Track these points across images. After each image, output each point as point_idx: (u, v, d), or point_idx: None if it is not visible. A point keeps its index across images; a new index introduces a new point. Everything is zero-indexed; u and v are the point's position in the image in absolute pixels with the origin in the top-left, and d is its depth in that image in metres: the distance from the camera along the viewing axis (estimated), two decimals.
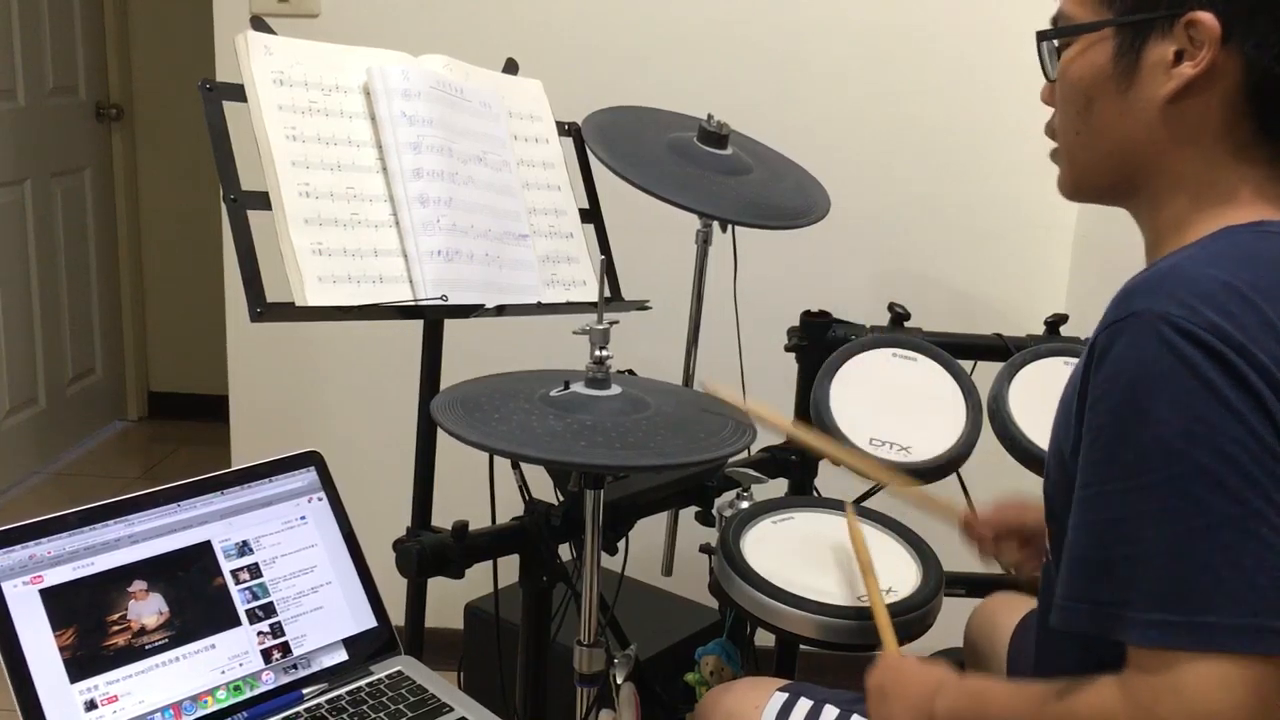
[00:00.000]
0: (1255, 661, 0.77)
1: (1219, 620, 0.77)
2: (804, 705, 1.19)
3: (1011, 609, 1.43)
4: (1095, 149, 0.99)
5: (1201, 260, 0.86)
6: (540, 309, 1.51)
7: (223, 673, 1.15)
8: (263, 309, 1.24)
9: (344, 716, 1.16)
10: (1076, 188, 1.04)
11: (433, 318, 1.50)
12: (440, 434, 1.23)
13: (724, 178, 1.62)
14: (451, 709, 1.18)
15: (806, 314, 1.83)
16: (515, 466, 1.39)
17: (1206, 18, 0.89)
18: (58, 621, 1.08)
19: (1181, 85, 0.91)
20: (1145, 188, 0.98)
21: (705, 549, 1.57)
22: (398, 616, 1.35)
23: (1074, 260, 2.29)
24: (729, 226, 1.71)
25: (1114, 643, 0.83)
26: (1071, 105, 1.00)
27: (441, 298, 1.37)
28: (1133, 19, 0.93)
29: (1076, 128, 1.00)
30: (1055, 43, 1.00)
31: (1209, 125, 0.92)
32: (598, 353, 1.20)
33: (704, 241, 1.76)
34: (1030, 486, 1.34)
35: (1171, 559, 0.79)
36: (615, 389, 1.20)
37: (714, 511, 1.58)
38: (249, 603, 1.19)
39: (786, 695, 1.21)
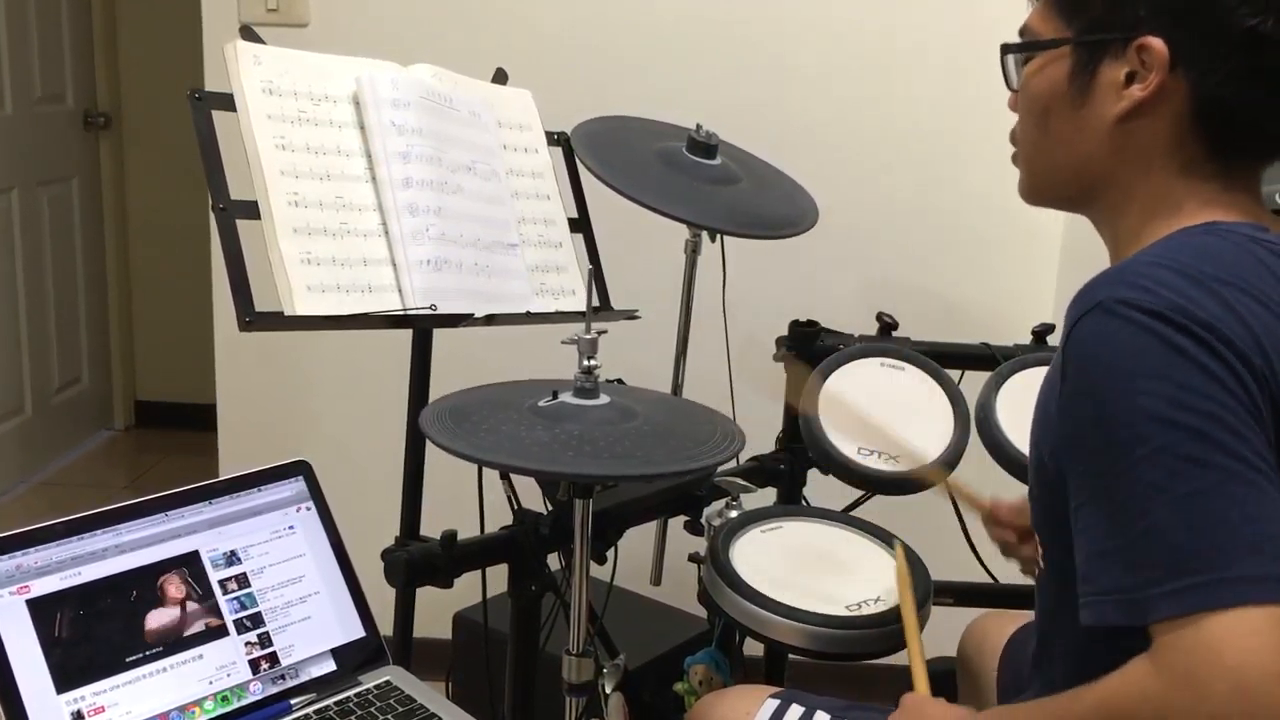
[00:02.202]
0: None
1: (1241, 573, 0.77)
2: (796, 712, 1.20)
3: (1002, 627, 1.43)
4: (1050, 159, 1.04)
5: (1153, 255, 0.90)
6: (529, 318, 1.51)
7: (210, 683, 1.15)
8: (251, 318, 1.24)
9: None
10: (1032, 193, 1.08)
11: (422, 327, 1.49)
12: (429, 443, 1.23)
13: (713, 187, 1.63)
14: (440, 719, 1.17)
15: (795, 323, 1.83)
16: (504, 476, 1.39)
17: (1156, 43, 0.92)
18: (44, 632, 1.07)
19: (1131, 106, 0.95)
20: (1100, 199, 1.02)
21: (694, 558, 1.57)
22: (386, 626, 1.35)
23: (1061, 270, 2.30)
24: (718, 236, 1.71)
25: (1122, 639, 0.83)
26: (1031, 116, 1.04)
27: (430, 307, 1.37)
28: (1089, 39, 0.97)
29: (1034, 138, 1.04)
30: (1020, 55, 1.04)
31: (1158, 144, 0.95)
32: (586, 362, 1.20)
33: (693, 251, 1.77)
34: (1019, 494, 1.35)
35: (1184, 524, 0.79)
36: (604, 398, 1.20)
37: (703, 521, 1.58)
38: (237, 612, 1.19)
39: (778, 702, 1.21)
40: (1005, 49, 1.05)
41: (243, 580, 1.20)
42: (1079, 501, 0.87)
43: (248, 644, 1.18)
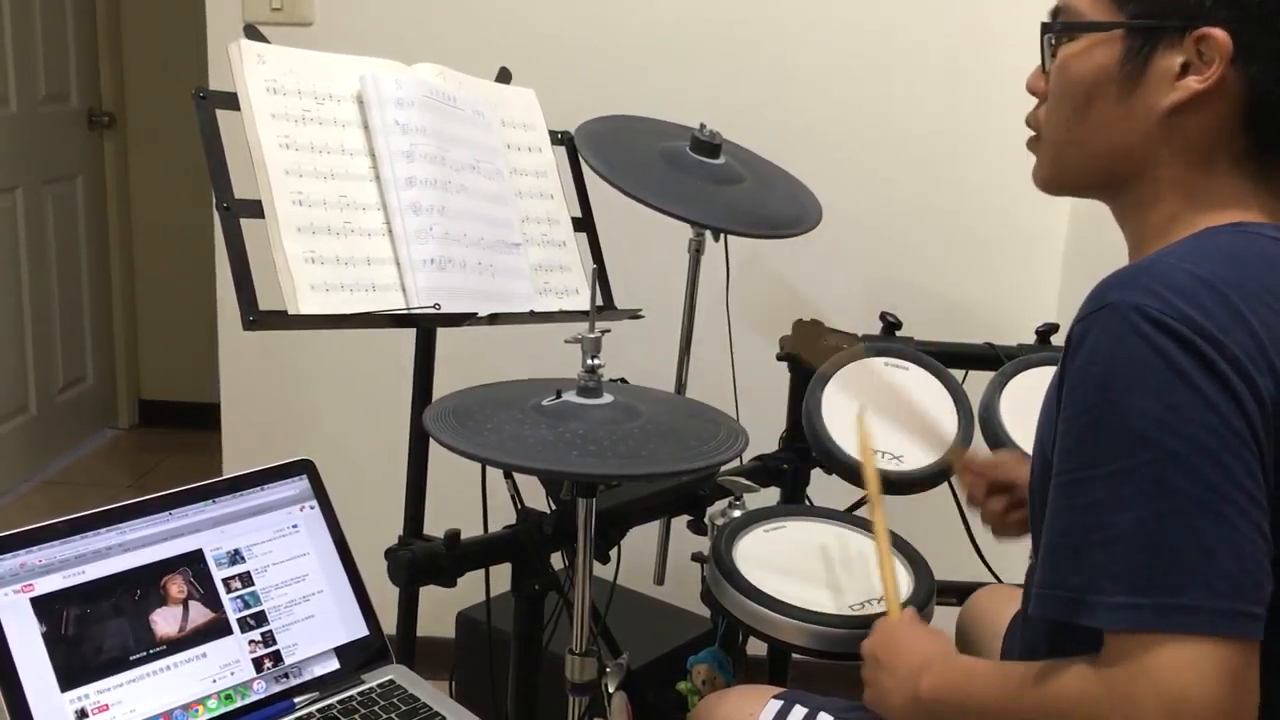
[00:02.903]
0: (1225, 644, 0.77)
1: (1188, 602, 0.78)
2: (799, 712, 1.19)
3: (1001, 609, 1.42)
4: (1086, 147, 0.99)
5: (1176, 256, 0.87)
6: (533, 318, 1.52)
7: (214, 681, 1.15)
8: (255, 317, 1.24)
9: None
10: (1055, 181, 1.04)
11: (425, 326, 1.50)
12: (433, 442, 1.23)
13: (716, 187, 1.63)
14: (443, 718, 1.17)
15: (799, 323, 1.83)
16: (508, 475, 1.39)
17: (1219, 34, 0.89)
18: (48, 630, 1.07)
19: (1186, 98, 0.91)
20: (1132, 190, 0.98)
21: (697, 558, 1.57)
22: (389, 625, 1.35)
23: (1065, 269, 2.30)
24: (721, 235, 1.71)
25: (1089, 634, 0.83)
26: (1068, 101, 0.99)
27: (434, 306, 1.37)
28: (1144, 24, 0.93)
29: (1069, 124, 0.99)
30: (1060, 35, 0.99)
31: (1204, 138, 0.93)
32: (589, 361, 1.20)
33: (696, 250, 1.77)
34: (1021, 494, 1.35)
35: (1142, 543, 0.79)
36: (607, 397, 1.20)
37: (706, 520, 1.58)
38: (240, 611, 1.19)
39: (781, 703, 1.21)
40: (1047, 28, 1.00)
41: (246, 579, 1.21)
42: (1052, 488, 0.87)
43: (251, 642, 1.18)
